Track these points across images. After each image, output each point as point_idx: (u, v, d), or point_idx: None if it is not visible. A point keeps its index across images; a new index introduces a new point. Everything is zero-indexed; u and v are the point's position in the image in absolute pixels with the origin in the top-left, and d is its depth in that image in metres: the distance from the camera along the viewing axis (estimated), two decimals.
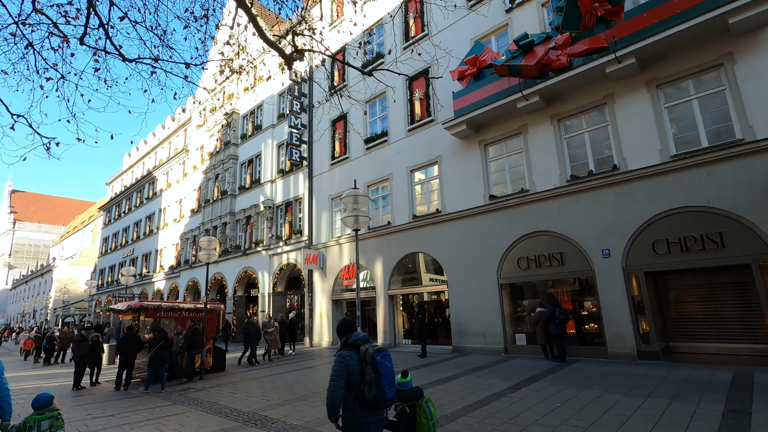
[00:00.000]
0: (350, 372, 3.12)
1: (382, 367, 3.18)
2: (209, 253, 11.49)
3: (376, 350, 3.23)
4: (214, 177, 25.63)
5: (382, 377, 3.17)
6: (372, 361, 3.16)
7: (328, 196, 18.09)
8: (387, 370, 3.21)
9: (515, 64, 11.16)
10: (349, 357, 3.17)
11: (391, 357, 3.34)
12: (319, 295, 17.71)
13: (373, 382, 3.13)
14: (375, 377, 3.13)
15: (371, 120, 17.06)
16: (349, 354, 3.19)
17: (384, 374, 3.18)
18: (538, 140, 11.59)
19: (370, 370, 3.14)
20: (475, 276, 12.37)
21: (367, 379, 3.13)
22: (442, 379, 8.66)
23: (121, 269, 18.64)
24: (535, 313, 10.51)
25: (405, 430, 3.44)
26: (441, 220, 13.55)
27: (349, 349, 3.24)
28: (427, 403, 3.51)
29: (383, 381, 3.17)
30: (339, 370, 3.12)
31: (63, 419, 4.08)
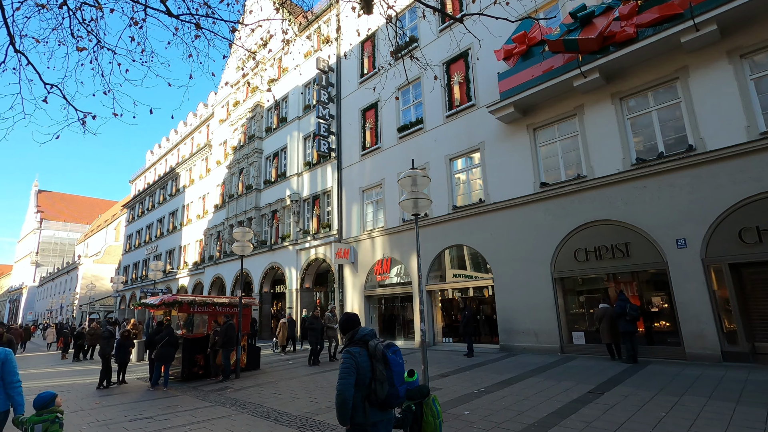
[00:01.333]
0: (360, 369, 2.94)
1: (394, 363, 3.02)
2: (243, 245, 10.89)
3: (386, 345, 3.06)
4: (239, 171, 25.22)
5: (394, 374, 3.00)
6: (383, 356, 2.99)
7: (358, 188, 17.39)
8: (398, 366, 3.05)
9: (572, 38, 10.22)
10: (358, 353, 2.98)
11: (400, 352, 3.15)
12: (351, 291, 17.03)
13: (385, 379, 2.96)
14: (387, 374, 2.97)
15: (404, 108, 16.27)
16: (358, 350, 3.00)
17: (396, 371, 3.02)
18: (597, 122, 10.63)
19: (381, 367, 2.98)
20: (524, 269, 11.50)
21: (379, 377, 2.96)
22: (504, 381, 7.84)
23: (150, 263, 18.32)
24: (597, 309, 9.60)
25: (411, 428, 3.39)
26: (484, 210, 12.70)
27: (357, 345, 3.05)
28: (434, 401, 3.48)
29: (395, 377, 3.00)
30: (348, 367, 2.92)
31: (61, 422, 3.65)
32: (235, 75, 27.89)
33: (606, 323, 9.21)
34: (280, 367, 11.54)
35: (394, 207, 15.64)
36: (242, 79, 26.32)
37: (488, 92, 13.13)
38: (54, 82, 5.25)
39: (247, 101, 25.39)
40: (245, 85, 26.22)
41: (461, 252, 13.66)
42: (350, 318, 3.30)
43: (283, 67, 23.62)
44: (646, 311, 9.75)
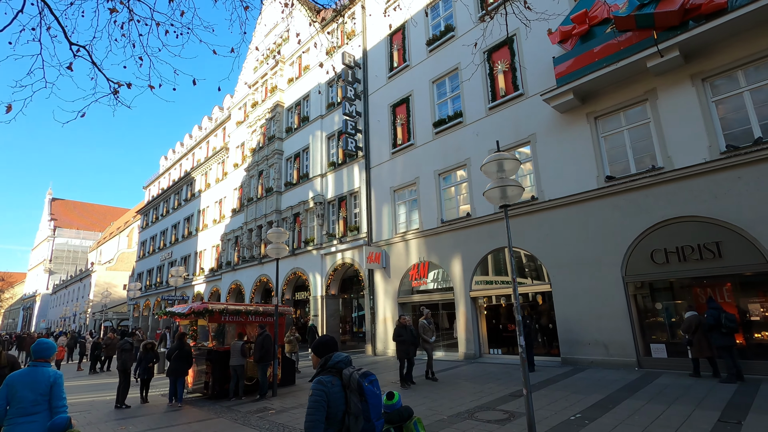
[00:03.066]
0: (332, 402, 2.59)
1: (370, 394, 2.70)
2: (278, 248, 9.86)
3: (362, 374, 2.76)
4: (258, 174, 24.34)
5: (370, 407, 2.70)
6: (358, 387, 2.67)
7: (389, 188, 16.33)
8: (375, 398, 2.75)
9: (647, 13, 9.11)
10: (330, 383, 2.63)
11: (377, 382, 2.83)
12: (382, 298, 15.92)
13: (360, 414, 2.64)
14: (362, 407, 2.65)
15: (440, 101, 15.23)
16: (330, 380, 2.65)
17: (372, 403, 2.71)
18: (674, 106, 9.47)
19: (356, 399, 2.64)
20: (589, 274, 10.30)
21: (353, 410, 2.62)
22: (597, 404, 6.66)
23: (171, 270, 17.39)
24: (686, 318, 8.37)
25: None
26: (537, 208, 11.55)
27: (330, 374, 2.70)
28: (416, 424, 3.26)
29: (371, 411, 2.70)
30: (318, 400, 2.57)
31: None
32: (252, 75, 27.15)
33: (701, 334, 7.96)
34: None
35: (430, 207, 14.55)
36: (260, 79, 25.58)
37: (538, 80, 12.04)
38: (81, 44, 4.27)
39: (266, 101, 24.56)
40: (263, 86, 25.44)
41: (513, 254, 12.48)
42: (325, 341, 2.88)
43: (304, 65, 22.76)
44: (745, 320, 8.49)
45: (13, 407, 3.42)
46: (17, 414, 3.40)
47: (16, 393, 3.43)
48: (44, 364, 3.64)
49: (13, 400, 3.43)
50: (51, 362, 3.74)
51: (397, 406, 3.29)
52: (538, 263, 11.66)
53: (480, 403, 7.27)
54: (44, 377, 3.54)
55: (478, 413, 6.60)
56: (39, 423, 3.41)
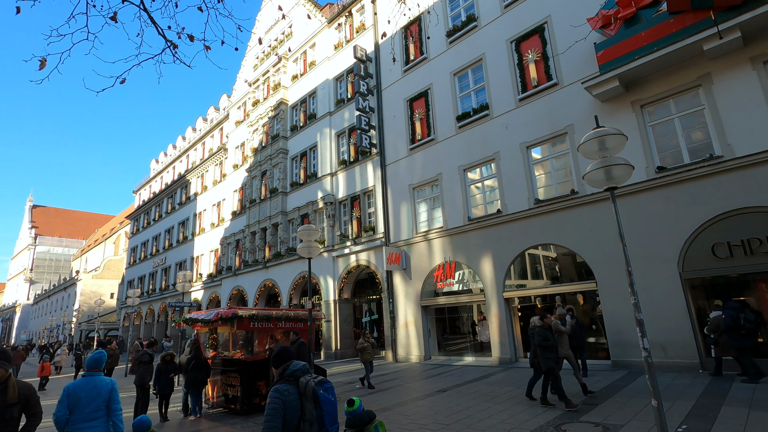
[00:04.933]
0: (288, 409, 2.68)
1: (325, 402, 2.75)
2: (310, 247, 9.01)
3: (318, 382, 2.81)
4: (260, 174, 23.36)
5: (325, 414, 2.75)
6: (313, 395, 2.74)
7: (408, 185, 15.60)
8: (330, 405, 2.78)
9: None
10: (286, 392, 2.72)
11: (333, 390, 2.87)
12: (402, 301, 15.12)
13: (315, 420, 2.72)
14: (317, 413, 2.73)
15: (462, 94, 14.59)
16: (287, 388, 2.74)
17: (326, 410, 2.75)
18: (733, 92, 8.95)
19: (310, 406, 2.72)
20: (640, 270, 9.64)
21: (308, 417, 2.71)
22: (695, 414, 5.97)
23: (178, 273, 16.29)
24: (712, 318, 8.19)
25: None
26: (578, 203, 10.94)
27: (287, 382, 2.78)
28: (377, 427, 3.38)
29: (326, 418, 2.76)
30: (274, 407, 2.66)
31: None
32: (253, 73, 26.24)
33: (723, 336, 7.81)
34: (354, 394, 9.56)
35: (454, 204, 13.85)
36: (262, 77, 24.68)
37: (574, 69, 11.48)
38: None
39: (269, 99, 23.65)
40: (265, 83, 24.54)
41: (549, 252, 11.86)
42: (282, 353, 2.99)
43: (309, 61, 21.95)
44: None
45: (76, 414, 3.67)
46: (81, 420, 3.66)
47: (80, 401, 3.69)
48: (99, 373, 3.94)
49: (76, 407, 3.68)
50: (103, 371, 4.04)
51: (359, 411, 3.41)
52: (579, 260, 11.03)
53: (555, 414, 6.53)
54: (103, 385, 3.85)
55: (565, 425, 5.85)
56: (100, 428, 3.74)
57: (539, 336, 7.23)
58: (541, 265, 12.07)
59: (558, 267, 11.75)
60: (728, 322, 7.68)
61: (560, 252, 11.52)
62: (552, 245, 11.59)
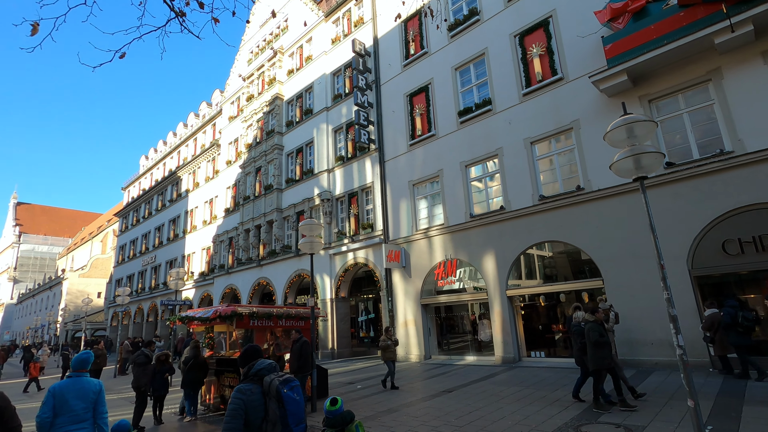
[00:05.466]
0: (250, 409, 2.63)
1: (288, 401, 2.67)
2: (312, 242, 8.69)
3: (283, 381, 2.74)
4: (255, 171, 22.90)
5: (288, 413, 2.66)
6: (277, 394, 2.67)
7: (408, 181, 15.31)
8: (294, 404, 2.70)
9: None
10: (249, 392, 2.69)
11: (299, 389, 2.80)
12: (402, 299, 14.83)
13: (278, 420, 2.64)
14: (280, 413, 2.65)
15: (464, 89, 14.35)
16: (250, 388, 2.71)
17: (290, 410, 2.67)
18: (744, 87, 8.82)
19: (274, 406, 2.66)
20: (648, 267, 9.54)
21: (271, 417, 2.64)
22: (714, 412, 5.78)
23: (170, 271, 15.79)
24: (707, 315, 8.13)
25: None
26: (583, 199, 10.76)
27: (251, 382, 2.76)
28: (357, 427, 3.35)
29: (289, 417, 2.66)
30: (235, 408, 2.62)
31: None
32: (247, 68, 25.75)
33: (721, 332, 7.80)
34: (356, 395, 9.24)
35: (456, 201, 13.60)
36: (257, 71, 24.22)
37: (580, 63, 11.31)
38: None
39: (264, 94, 23.20)
40: (260, 78, 24.08)
41: (553, 249, 11.66)
42: (248, 351, 2.97)
43: (306, 55, 21.56)
44: None
45: (63, 416, 3.51)
46: (69, 422, 3.52)
47: (67, 402, 3.55)
48: (85, 374, 3.80)
49: (62, 409, 3.53)
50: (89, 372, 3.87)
51: (340, 411, 3.36)
52: (584, 258, 10.85)
53: (572, 413, 6.30)
54: (91, 386, 3.72)
55: (585, 426, 5.61)
56: (88, 430, 3.62)
57: (594, 332, 6.46)
58: (545, 262, 11.87)
59: (563, 265, 11.56)
60: (726, 319, 7.70)
61: (565, 249, 11.33)
62: (557, 242, 11.39)
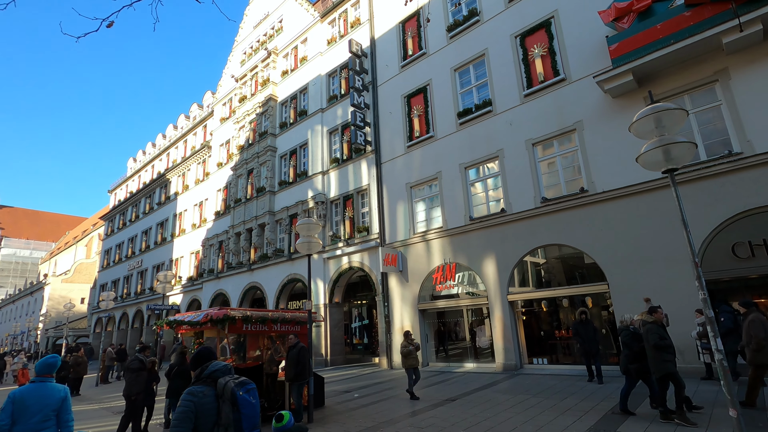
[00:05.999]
0: (201, 413, 2.48)
1: (244, 404, 2.52)
2: (310, 242, 8.27)
3: (239, 383, 2.60)
4: (246, 173, 22.38)
5: (243, 417, 2.50)
6: (232, 396, 2.51)
7: (405, 184, 14.98)
8: (249, 407, 2.54)
9: None
10: (201, 394, 2.52)
11: (255, 392, 2.66)
12: (398, 305, 14.41)
13: (231, 424, 2.49)
14: (234, 417, 2.49)
15: (463, 90, 14.12)
16: (202, 390, 2.54)
17: (245, 413, 2.51)
18: (752, 87, 8.69)
19: (227, 409, 2.50)
20: (655, 271, 9.30)
21: (223, 421, 2.48)
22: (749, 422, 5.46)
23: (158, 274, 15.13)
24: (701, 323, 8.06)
25: None
26: (587, 201, 10.52)
27: (204, 384, 2.59)
28: None
29: (244, 421, 2.51)
30: (184, 411, 2.46)
31: None
32: (240, 69, 25.32)
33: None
34: (353, 404, 8.78)
35: (455, 203, 13.30)
36: (249, 72, 23.80)
37: (583, 64, 11.15)
38: None
39: (257, 95, 22.77)
40: (253, 79, 23.66)
41: (556, 253, 11.39)
42: (202, 352, 2.79)
43: (301, 56, 21.23)
44: None
45: (21, 424, 3.29)
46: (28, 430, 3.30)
47: (27, 409, 3.33)
48: (50, 379, 3.58)
49: (22, 416, 3.31)
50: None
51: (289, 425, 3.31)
52: (588, 261, 10.59)
53: (587, 424, 5.94)
54: (54, 392, 3.50)
55: None
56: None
57: (654, 334, 5.88)
58: (548, 266, 11.59)
59: (566, 269, 11.28)
60: (728, 324, 7.53)
61: (569, 253, 11.06)
62: (560, 246, 11.12)
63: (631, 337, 6.36)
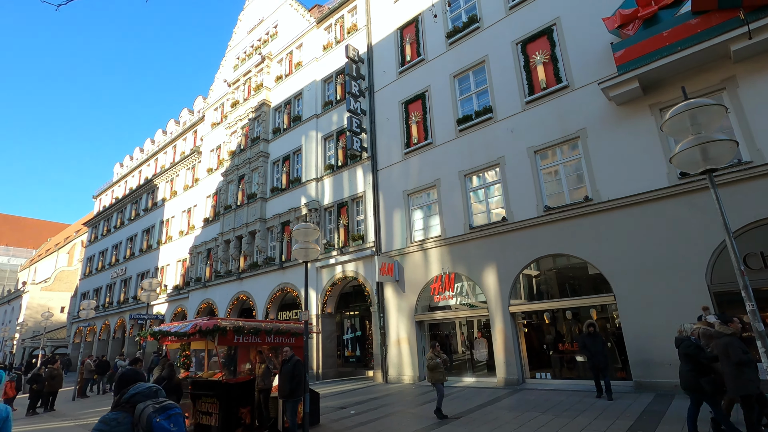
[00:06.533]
0: None
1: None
2: (307, 248, 7.80)
3: (159, 408, 2.30)
4: (237, 179, 21.82)
5: None
6: (147, 424, 2.22)
7: (402, 191, 14.61)
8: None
9: None
10: (115, 422, 2.28)
11: (180, 418, 2.33)
12: (395, 316, 13.93)
13: None
14: None
15: (462, 97, 13.89)
16: (116, 417, 2.30)
17: None
18: (761, 94, 8.57)
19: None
20: (663, 282, 9.01)
21: None
22: None
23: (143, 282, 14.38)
24: None
25: None
26: (592, 210, 10.26)
27: (122, 410, 2.35)
28: None
29: None
30: None
31: None
32: (233, 74, 24.92)
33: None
34: (350, 422, 8.24)
35: (454, 212, 12.96)
36: (243, 77, 23.40)
37: (586, 71, 10.99)
38: None
39: (250, 100, 22.34)
40: (246, 84, 23.25)
41: (559, 263, 11.07)
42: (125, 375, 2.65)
43: (296, 61, 20.91)
44: None
45: None
46: None
47: None
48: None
49: None
50: None
51: None
52: (592, 272, 10.29)
53: None
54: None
55: None
56: None
57: (736, 348, 5.14)
58: (550, 276, 11.26)
59: (570, 279, 10.97)
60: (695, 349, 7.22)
61: (573, 263, 10.75)
62: (564, 256, 10.81)
63: (695, 348, 5.78)
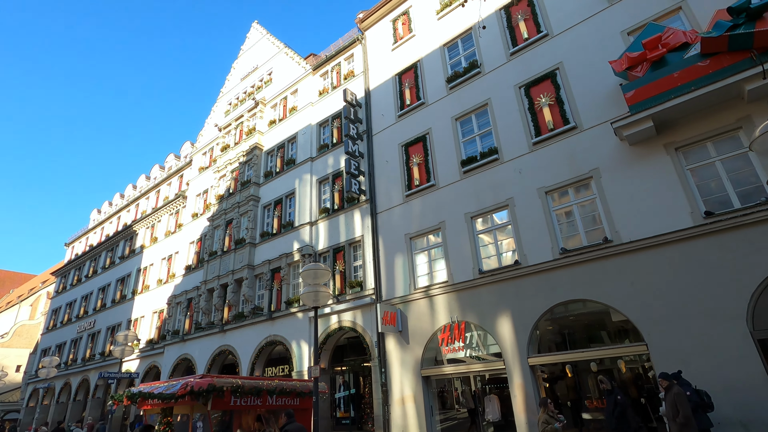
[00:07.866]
0: None
1: None
2: (317, 292, 6.89)
3: None
4: (225, 224, 20.80)
5: None
6: None
7: (404, 235, 13.92)
8: None
9: (745, 33, 8.36)
10: None
11: None
12: (398, 371, 12.69)
13: None
14: None
15: (465, 139, 13.69)
16: None
17: None
18: None
19: None
20: (699, 329, 8.33)
21: None
22: None
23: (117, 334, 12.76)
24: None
25: None
26: (614, 252, 9.71)
27: None
28: None
29: None
30: None
31: None
32: (224, 119, 24.66)
33: None
34: None
35: (461, 256, 12.26)
36: (234, 121, 23.12)
37: (595, 111, 10.94)
38: None
39: (241, 144, 21.89)
40: (237, 128, 22.93)
41: (580, 309, 10.31)
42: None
43: (290, 106, 20.81)
44: None
45: None
46: None
47: None
48: None
49: None
50: None
51: None
52: (618, 319, 9.56)
53: None
54: None
55: None
56: None
57: None
58: (572, 324, 10.45)
59: (594, 327, 10.18)
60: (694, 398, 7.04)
61: (595, 309, 10.01)
62: (585, 301, 10.08)
63: None
